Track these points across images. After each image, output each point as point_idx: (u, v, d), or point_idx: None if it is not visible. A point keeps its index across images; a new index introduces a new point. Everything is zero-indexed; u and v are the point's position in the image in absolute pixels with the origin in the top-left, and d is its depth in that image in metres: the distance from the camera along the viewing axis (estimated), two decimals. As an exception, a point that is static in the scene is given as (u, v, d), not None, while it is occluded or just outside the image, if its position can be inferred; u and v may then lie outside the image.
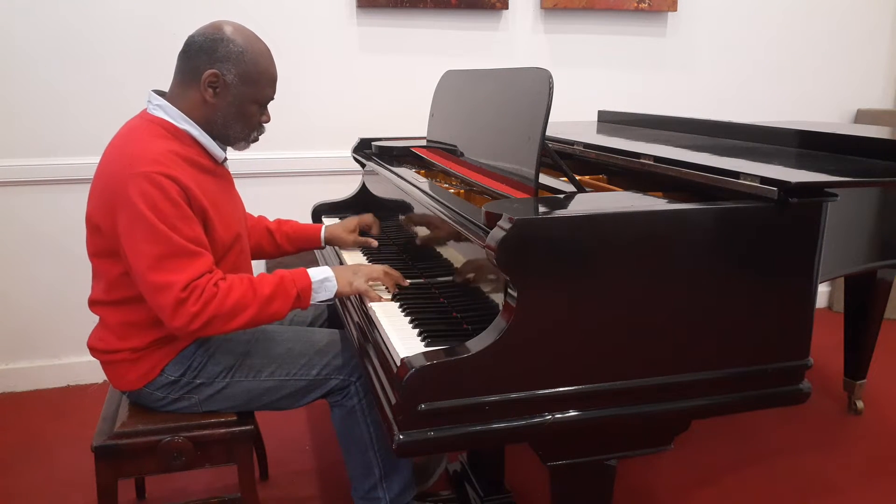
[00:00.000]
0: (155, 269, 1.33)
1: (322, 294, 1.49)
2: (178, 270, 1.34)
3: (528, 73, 1.43)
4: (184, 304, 1.33)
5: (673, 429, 1.26)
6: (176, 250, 1.34)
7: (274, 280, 1.44)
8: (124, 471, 1.51)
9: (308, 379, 1.56)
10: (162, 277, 1.33)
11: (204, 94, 1.46)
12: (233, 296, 1.37)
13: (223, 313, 1.36)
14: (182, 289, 1.33)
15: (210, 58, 1.45)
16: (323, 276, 1.49)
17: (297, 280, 1.45)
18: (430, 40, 2.83)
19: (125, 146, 1.43)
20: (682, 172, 1.39)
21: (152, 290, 1.34)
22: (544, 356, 1.12)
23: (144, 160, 1.36)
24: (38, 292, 2.65)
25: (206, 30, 1.47)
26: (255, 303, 1.39)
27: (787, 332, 1.26)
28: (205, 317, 1.34)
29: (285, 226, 1.91)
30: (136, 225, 1.34)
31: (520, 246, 1.07)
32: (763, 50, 3.25)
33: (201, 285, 1.35)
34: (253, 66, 1.48)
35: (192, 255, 1.36)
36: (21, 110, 2.50)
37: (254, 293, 1.40)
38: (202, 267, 1.37)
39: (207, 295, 1.35)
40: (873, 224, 1.98)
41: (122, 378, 1.53)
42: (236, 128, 1.52)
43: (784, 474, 2.12)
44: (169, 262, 1.33)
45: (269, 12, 2.63)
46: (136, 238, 1.34)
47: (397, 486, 1.62)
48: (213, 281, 1.37)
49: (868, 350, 2.44)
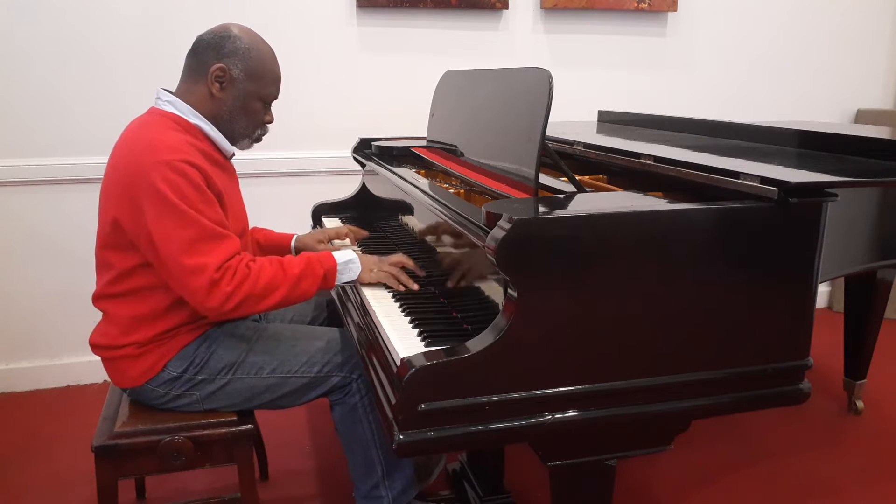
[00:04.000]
0: (188, 253, 1.36)
1: (346, 275, 1.54)
2: (210, 252, 1.38)
3: (528, 73, 1.43)
4: (217, 285, 1.37)
5: (673, 429, 1.26)
6: (206, 234, 1.38)
7: (301, 261, 1.49)
8: (124, 471, 1.51)
9: (309, 377, 1.56)
10: (196, 260, 1.36)
11: (211, 88, 1.51)
12: (265, 276, 1.42)
13: (256, 293, 1.41)
14: (216, 269, 1.37)
15: (217, 53, 1.50)
16: (347, 258, 1.54)
17: (323, 261, 1.51)
18: (430, 40, 2.83)
19: (140, 138, 1.45)
20: (682, 172, 1.39)
21: (187, 273, 1.37)
22: (544, 356, 1.12)
23: (163, 149, 1.40)
24: (38, 292, 2.65)
25: (215, 29, 1.54)
26: (285, 283, 1.44)
27: (787, 332, 1.26)
28: (239, 296, 1.39)
29: (257, 234, 1.89)
30: (165, 212, 1.36)
31: (520, 246, 1.07)
32: (763, 50, 3.25)
33: (234, 265, 1.39)
34: (258, 63, 1.53)
35: (221, 238, 1.40)
36: (21, 110, 2.50)
37: (284, 273, 1.45)
38: (231, 248, 1.41)
39: (241, 275, 1.39)
40: (873, 224, 1.98)
41: (123, 374, 1.53)
42: (241, 123, 1.57)
43: (784, 474, 2.12)
44: (201, 245, 1.37)
45: (269, 12, 2.63)
46: (166, 225, 1.36)
47: (399, 485, 1.62)
48: (245, 262, 1.42)
49: (868, 350, 2.44)
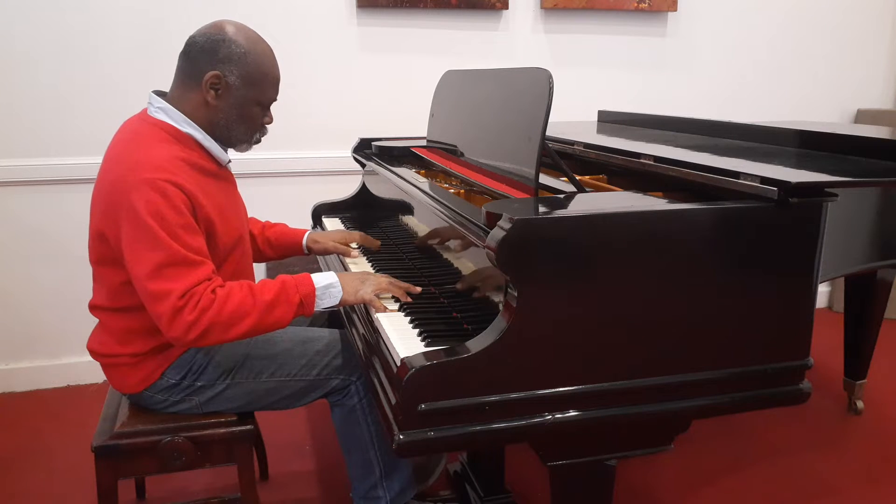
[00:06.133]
0: (154, 278, 1.30)
1: (326, 301, 1.42)
2: (177, 279, 1.30)
3: (528, 73, 1.43)
4: (180, 313, 1.29)
5: (673, 429, 1.25)
6: (176, 259, 1.30)
7: (276, 286, 1.38)
8: (124, 471, 1.51)
9: (309, 379, 1.56)
10: (160, 286, 1.29)
11: (206, 96, 1.44)
12: (231, 303, 1.32)
13: (221, 321, 1.31)
14: (179, 297, 1.29)
15: (212, 59, 1.42)
16: (327, 282, 1.42)
17: (300, 286, 1.39)
18: (430, 40, 2.82)
19: (128, 152, 1.39)
20: (682, 172, 1.39)
21: (151, 298, 1.31)
22: (544, 356, 1.12)
23: (148, 166, 1.33)
24: (38, 292, 2.65)
25: (208, 30, 1.44)
26: (255, 310, 1.34)
27: (787, 332, 1.26)
28: (202, 325, 1.29)
29: (269, 231, 1.86)
30: (138, 233, 1.31)
31: (520, 246, 1.07)
32: (763, 50, 3.25)
33: (199, 293, 1.30)
34: (256, 68, 1.45)
35: (191, 265, 1.32)
36: (21, 110, 2.50)
37: (254, 300, 1.34)
38: (201, 275, 1.32)
39: (204, 303, 1.30)
40: (873, 224, 1.98)
41: (122, 381, 1.52)
42: (239, 130, 1.50)
43: (784, 474, 2.12)
44: (168, 271, 1.30)
45: (268, 12, 2.63)
46: (137, 246, 1.31)
47: (398, 486, 1.62)
48: (211, 288, 1.32)
49: (868, 350, 2.44)
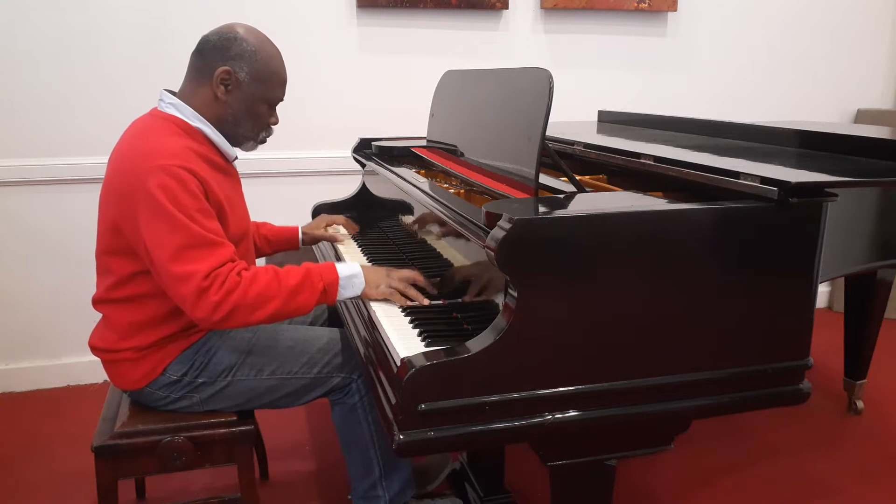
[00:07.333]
0: (176, 260, 1.32)
1: (349, 291, 1.45)
2: (200, 260, 1.32)
3: (528, 73, 1.43)
4: (206, 294, 1.31)
5: (673, 429, 1.26)
6: (197, 240, 1.33)
7: (300, 272, 1.41)
8: (124, 471, 1.51)
9: (309, 377, 1.56)
10: (183, 267, 1.32)
11: (216, 91, 1.48)
12: (256, 286, 1.35)
13: (247, 303, 1.34)
14: (203, 277, 1.31)
15: (223, 55, 1.47)
16: (351, 272, 1.45)
17: (324, 274, 1.42)
18: (430, 40, 2.82)
19: (140, 143, 1.42)
20: (682, 172, 1.39)
21: (175, 280, 1.33)
22: (544, 356, 1.12)
23: (162, 154, 1.37)
24: (39, 292, 2.64)
25: (220, 29, 1.50)
26: (280, 294, 1.37)
27: (787, 332, 1.26)
28: (227, 306, 1.32)
29: (263, 228, 1.90)
30: (157, 217, 1.33)
31: (520, 246, 1.07)
32: (763, 50, 3.25)
33: (223, 274, 1.33)
34: (265, 66, 1.50)
35: (212, 245, 1.35)
36: (22, 110, 2.50)
37: (279, 284, 1.37)
38: (223, 256, 1.35)
39: (230, 284, 1.33)
40: (873, 224, 1.98)
41: (123, 377, 1.53)
42: (246, 126, 1.54)
43: (784, 474, 2.12)
44: (190, 252, 1.32)
45: (269, 12, 2.63)
46: (157, 231, 1.33)
47: (397, 485, 1.63)
48: (237, 270, 1.35)
49: (868, 350, 2.44)
